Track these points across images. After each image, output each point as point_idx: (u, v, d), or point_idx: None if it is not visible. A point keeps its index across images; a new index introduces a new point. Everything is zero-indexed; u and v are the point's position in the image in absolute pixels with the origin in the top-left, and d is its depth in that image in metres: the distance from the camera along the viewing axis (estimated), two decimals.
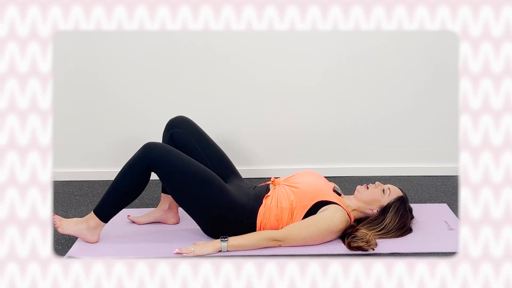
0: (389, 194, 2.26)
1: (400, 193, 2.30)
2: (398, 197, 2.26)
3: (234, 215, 2.18)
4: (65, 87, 2.98)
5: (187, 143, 2.39)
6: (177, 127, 2.41)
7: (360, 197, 2.27)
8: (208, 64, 2.99)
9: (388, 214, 2.22)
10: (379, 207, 2.25)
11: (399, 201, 2.25)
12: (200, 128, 2.46)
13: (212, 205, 2.15)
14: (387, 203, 2.24)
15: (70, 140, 3.06)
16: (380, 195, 2.26)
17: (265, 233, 2.16)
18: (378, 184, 2.30)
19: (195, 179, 2.14)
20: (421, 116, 3.09)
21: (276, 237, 2.15)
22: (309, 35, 2.95)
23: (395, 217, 2.22)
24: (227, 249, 2.12)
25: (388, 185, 2.31)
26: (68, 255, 2.13)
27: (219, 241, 2.13)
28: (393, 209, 2.23)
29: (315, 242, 2.17)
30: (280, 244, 2.16)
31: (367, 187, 2.29)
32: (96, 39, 2.94)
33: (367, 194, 2.27)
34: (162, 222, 2.43)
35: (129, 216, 2.44)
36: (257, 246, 2.14)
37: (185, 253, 2.10)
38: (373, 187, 2.28)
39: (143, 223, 2.43)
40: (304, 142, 3.11)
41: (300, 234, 2.15)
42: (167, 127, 2.44)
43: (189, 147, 2.39)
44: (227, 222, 2.18)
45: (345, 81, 3.03)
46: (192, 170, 2.14)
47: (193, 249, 2.11)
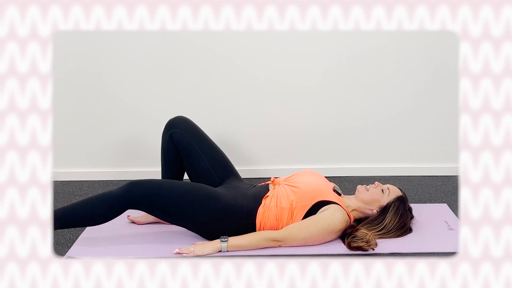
0: (389, 194, 2.26)
1: (399, 193, 2.30)
2: (397, 196, 2.27)
3: (230, 219, 2.18)
4: (65, 87, 2.98)
5: (186, 144, 2.39)
6: (176, 127, 2.41)
7: (360, 197, 2.27)
8: (208, 64, 2.99)
9: (387, 214, 2.22)
10: (379, 207, 2.25)
11: (399, 200, 2.25)
12: (199, 129, 2.46)
13: (204, 216, 2.15)
14: (386, 203, 2.24)
15: (70, 140, 3.06)
16: (379, 195, 2.26)
17: (265, 234, 2.16)
18: (377, 184, 2.30)
19: (180, 200, 2.14)
20: (421, 116, 3.09)
21: (276, 237, 2.15)
22: (309, 35, 2.95)
23: (395, 216, 2.22)
24: (227, 249, 2.12)
25: (388, 185, 2.31)
26: (68, 255, 2.13)
27: (219, 241, 2.13)
28: (392, 208, 2.23)
29: (315, 242, 2.17)
30: (280, 244, 2.16)
31: (367, 188, 2.29)
32: (96, 39, 2.94)
33: (367, 195, 2.27)
34: (161, 222, 2.43)
35: (129, 217, 2.44)
36: (257, 246, 2.14)
37: (185, 253, 2.09)
38: (373, 187, 2.28)
39: (143, 223, 2.43)
40: (304, 142, 3.11)
41: (300, 234, 2.15)
42: (166, 127, 2.44)
43: (188, 148, 2.39)
44: (225, 227, 2.18)
45: (345, 81, 3.03)
46: (174, 193, 2.14)
47: (192, 249, 2.11)
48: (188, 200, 2.14)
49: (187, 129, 2.42)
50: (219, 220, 2.17)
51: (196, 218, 2.16)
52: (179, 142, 2.40)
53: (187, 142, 2.40)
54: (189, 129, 2.42)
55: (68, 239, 2.28)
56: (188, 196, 2.15)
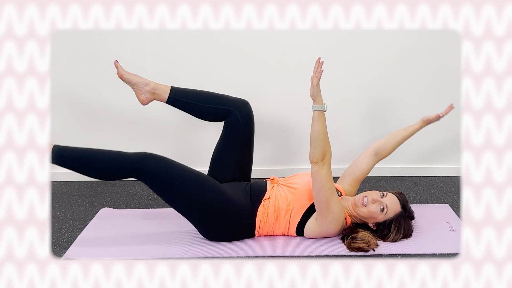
0: (386, 213, 2.19)
1: (398, 207, 2.21)
2: (396, 214, 2.20)
3: (232, 214, 2.17)
4: (63, 87, 2.97)
5: (234, 131, 2.38)
6: (242, 114, 2.39)
7: (357, 211, 2.22)
8: (207, 63, 2.98)
9: (390, 234, 2.19)
10: (375, 223, 2.22)
11: (399, 217, 2.21)
12: (253, 130, 2.44)
13: (208, 206, 2.14)
14: (383, 220, 2.20)
15: (68, 140, 3.04)
16: (376, 213, 2.19)
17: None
18: (375, 199, 2.20)
19: (190, 185, 2.12)
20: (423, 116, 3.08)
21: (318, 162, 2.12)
22: (309, 34, 2.94)
23: (398, 235, 2.21)
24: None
25: (386, 201, 2.20)
26: (66, 256, 2.12)
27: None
28: (394, 229, 2.19)
29: (330, 214, 2.14)
30: (317, 166, 2.12)
31: (364, 203, 2.20)
32: (95, 38, 2.93)
33: (365, 211, 2.20)
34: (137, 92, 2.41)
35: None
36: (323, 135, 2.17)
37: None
38: (371, 202, 2.20)
39: (127, 78, 2.40)
40: (304, 142, 3.09)
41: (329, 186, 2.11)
42: (239, 101, 2.42)
43: (233, 135, 2.38)
44: (225, 222, 2.17)
45: (345, 81, 3.02)
46: (186, 177, 2.13)
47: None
48: (196, 186, 2.13)
49: (245, 123, 2.40)
50: (221, 215, 2.15)
51: (201, 207, 2.14)
52: (230, 123, 2.38)
53: (236, 130, 2.38)
54: (245, 125, 2.40)
55: (66, 240, 2.27)
56: (198, 182, 2.13)
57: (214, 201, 2.14)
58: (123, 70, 2.40)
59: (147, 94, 2.40)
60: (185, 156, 2.99)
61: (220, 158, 2.39)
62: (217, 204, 2.14)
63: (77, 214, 2.57)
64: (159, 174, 2.11)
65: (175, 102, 2.41)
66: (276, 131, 3.08)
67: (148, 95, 2.40)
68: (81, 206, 2.68)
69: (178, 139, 3.09)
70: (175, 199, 2.15)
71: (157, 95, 2.40)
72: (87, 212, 2.60)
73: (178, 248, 2.17)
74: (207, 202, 2.14)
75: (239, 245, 2.20)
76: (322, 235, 2.22)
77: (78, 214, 2.58)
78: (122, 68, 2.40)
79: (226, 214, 2.16)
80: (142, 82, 2.39)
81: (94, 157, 2.16)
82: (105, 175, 2.19)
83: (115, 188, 2.92)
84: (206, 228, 2.20)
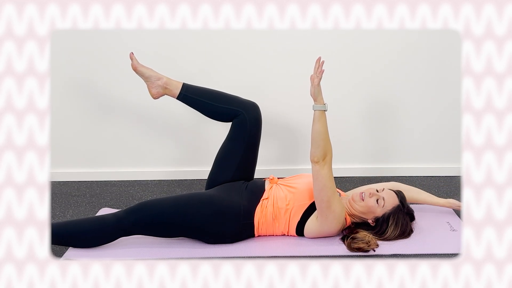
0: (384, 205, 2.20)
1: (396, 201, 2.23)
2: (394, 208, 2.21)
3: (228, 219, 2.17)
4: (62, 86, 2.97)
5: (241, 133, 2.38)
6: (251, 116, 2.39)
7: (355, 206, 2.23)
8: (207, 63, 2.98)
9: (388, 228, 2.19)
10: (374, 218, 2.22)
11: (397, 210, 2.21)
12: (260, 133, 2.43)
13: (201, 223, 2.14)
14: (381, 214, 2.21)
15: (67, 140, 3.04)
16: (374, 206, 2.20)
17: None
18: (372, 193, 2.22)
19: (173, 215, 2.13)
20: (423, 116, 3.08)
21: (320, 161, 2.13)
22: (309, 33, 2.94)
23: (395, 230, 2.20)
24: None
25: (383, 194, 2.22)
26: (65, 256, 2.11)
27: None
28: (392, 222, 2.19)
29: (330, 212, 2.14)
30: (319, 167, 2.12)
31: (362, 197, 2.22)
32: (94, 38, 2.93)
33: (362, 205, 2.21)
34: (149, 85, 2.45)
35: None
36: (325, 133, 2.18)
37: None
38: (368, 196, 2.21)
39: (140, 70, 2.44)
40: (304, 142, 3.09)
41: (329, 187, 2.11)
42: (249, 103, 2.42)
43: (239, 137, 2.37)
44: (224, 229, 2.17)
45: (345, 80, 3.02)
46: (166, 211, 2.13)
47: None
48: (181, 212, 2.13)
49: (253, 126, 2.40)
50: (217, 224, 2.16)
51: (193, 227, 2.15)
52: (238, 123, 2.39)
53: (243, 131, 2.38)
54: (253, 127, 2.39)
55: None
56: (179, 208, 2.14)
57: (206, 214, 2.14)
58: (137, 62, 2.42)
59: (158, 88, 2.42)
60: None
61: (223, 158, 2.40)
62: (208, 214, 2.15)
63: (77, 214, 2.56)
64: (143, 224, 2.12)
65: (185, 98, 2.42)
66: (276, 131, 3.08)
67: (160, 89, 2.42)
68: (81, 206, 2.68)
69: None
70: (170, 232, 2.18)
71: (168, 90, 2.42)
72: (86, 212, 2.60)
73: (178, 248, 2.16)
74: (198, 218, 2.14)
75: (239, 245, 2.19)
76: (322, 235, 2.21)
77: (77, 214, 2.57)
78: (136, 60, 2.43)
79: (221, 219, 2.16)
80: (155, 76, 2.41)
81: (76, 230, 2.15)
82: (92, 243, 2.17)
83: (114, 188, 2.92)
84: (208, 238, 2.20)
